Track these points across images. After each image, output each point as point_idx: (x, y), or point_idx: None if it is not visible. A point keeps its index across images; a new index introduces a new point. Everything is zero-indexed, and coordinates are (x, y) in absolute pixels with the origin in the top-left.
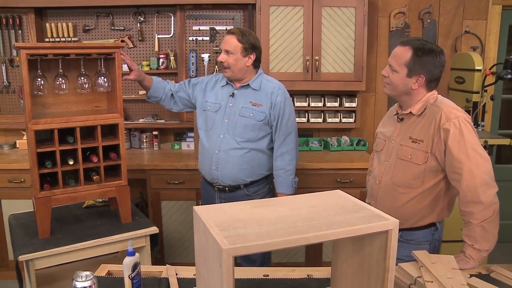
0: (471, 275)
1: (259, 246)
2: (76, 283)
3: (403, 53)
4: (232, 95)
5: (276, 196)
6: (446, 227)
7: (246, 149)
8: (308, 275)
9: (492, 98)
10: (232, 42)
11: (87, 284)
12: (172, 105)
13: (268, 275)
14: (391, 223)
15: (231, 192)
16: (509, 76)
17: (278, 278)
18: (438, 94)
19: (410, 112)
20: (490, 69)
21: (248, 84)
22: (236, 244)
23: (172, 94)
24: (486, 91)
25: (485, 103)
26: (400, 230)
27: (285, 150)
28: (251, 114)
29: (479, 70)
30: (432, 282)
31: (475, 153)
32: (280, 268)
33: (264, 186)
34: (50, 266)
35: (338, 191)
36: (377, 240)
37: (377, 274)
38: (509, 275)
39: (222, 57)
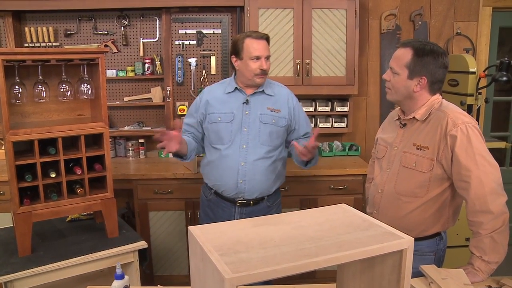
0: None
1: (265, 274)
2: None
3: (404, 55)
4: (246, 102)
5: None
6: (448, 232)
7: (272, 158)
8: None
9: (486, 101)
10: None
11: None
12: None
13: None
14: (406, 242)
15: (255, 206)
16: (504, 78)
17: None
18: None
19: (414, 117)
20: (484, 71)
21: (263, 90)
22: (240, 272)
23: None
24: (480, 93)
25: (479, 105)
26: None
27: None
28: (273, 121)
29: (473, 73)
30: None
31: (484, 161)
32: (283, 286)
33: (279, 195)
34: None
35: (343, 205)
36: (390, 260)
37: None
38: None
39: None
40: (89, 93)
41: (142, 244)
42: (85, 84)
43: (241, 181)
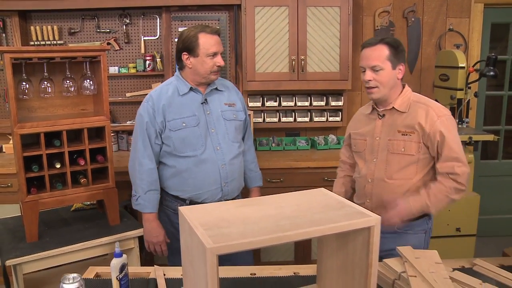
0: (454, 269)
1: (242, 244)
2: (64, 285)
3: (380, 51)
4: (205, 101)
5: (250, 192)
6: (439, 222)
7: (241, 153)
8: (294, 273)
9: (475, 95)
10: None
11: (74, 286)
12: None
13: (255, 274)
14: (373, 220)
15: None
16: (491, 73)
17: (265, 277)
18: (423, 92)
19: (393, 107)
20: (473, 66)
21: (216, 87)
22: (220, 243)
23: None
24: (470, 88)
25: (469, 99)
26: None
27: (250, 143)
28: (234, 116)
29: (462, 68)
30: (415, 276)
31: (461, 151)
32: (267, 266)
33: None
34: (39, 270)
35: (322, 189)
36: (360, 237)
37: (361, 270)
38: (491, 268)
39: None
40: (92, 88)
41: (142, 231)
42: (88, 80)
43: (224, 184)
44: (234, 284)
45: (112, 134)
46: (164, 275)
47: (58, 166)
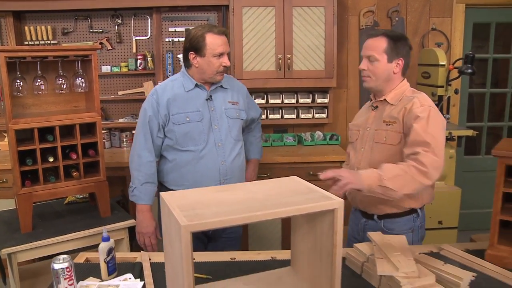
0: (420, 253)
1: (214, 223)
2: (54, 264)
3: (379, 42)
4: (210, 98)
5: (247, 164)
6: None
7: (243, 152)
8: (272, 257)
9: (456, 92)
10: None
11: (64, 265)
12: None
13: (235, 258)
14: (336, 203)
15: None
16: (469, 70)
17: (244, 260)
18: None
19: (385, 99)
20: (453, 64)
21: (222, 85)
22: (193, 221)
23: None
24: (450, 85)
25: (449, 96)
26: (381, 218)
27: (258, 131)
28: (237, 114)
29: (443, 65)
30: (382, 258)
31: (434, 141)
32: (247, 252)
33: None
34: (33, 261)
35: (295, 177)
36: (327, 219)
37: (327, 250)
38: (457, 252)
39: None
40: (84, 86)
41: (132, 222)
42: (80, 78)
43: (223, 180)
44: (215, 267)
45: (105, 131)
46: (150, 259)
47: (51, 160)
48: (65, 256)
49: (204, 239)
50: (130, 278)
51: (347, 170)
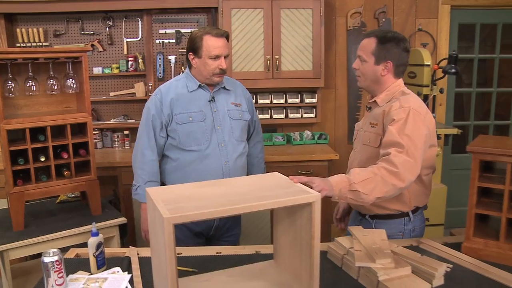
0: (399, 246)
1: (195, 215)
2: (44, 258)
3: (369, 43)
4: (213, 99)
5: None
6: None
7: (245, 153)
8: (256, 251)
9: (441, 91)
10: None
11: (53, 259)
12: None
13: (220, 252)
14: (314, 196)
15: None
16: (453, 70)
17: (229, 255)
18: None
19: (375, 101)
20: (438, 64)
21: (224, 86)
22: (176, 213)
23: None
24: (435, 84)
25: (434, 95)
26: (373, 218)
27: (258, 139)
28: (240, 115)
29: (428, 65)
30: (360, 251)
31: (410, 143)
32: (232, 246)
33: None
34: (25, 259)
35: (276, 173)
36: (305, 213)
37: (306, 242)
38: (436, 245)
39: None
40: (74, 87)
41: (122, 220)
42: (71, 80)
43: None
44: (200, 261)
45: (97, 132)
46: (138, 254)
47: (42, 159)
48: (55, 250)
49: (203, 243)
50: (118, 271)
51: (319, 178)
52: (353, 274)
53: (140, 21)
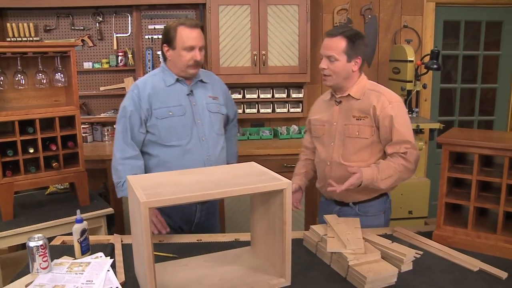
0: (371, 234)
1: (170, 200)
2: (30, 242)
3: (338, 43)
4: (191, 92)
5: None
6: (392, 206)
7: (225, 147)
8: (235, 239)
9: (424, 87)
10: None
11: (38, 243)
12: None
13: (201, 239)
14: (284, 183)
15: (214, 200)
16: (434, 66)
17: (209, 242)
18: (380, 83)
19: (349, 94)
20: (421, 59)
21: (202, 79)
22: (152, 198)
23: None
24: (419, 80)
25: (418, 91)
26: (356, 204)
27: (234, 133)
28: (218, 109)
29: (411, 61)
30: (333, 237)
31: (411, 134)
32: (213, 234)
33: None
34: (16, 249)
35: (252, 163)
36: (277, 200)
37: (279, 228)
38: (409, 233)
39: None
40: (63, 81)
41: (109, 211)
42: (59, 74)
43: None
44: (181, 248)
45: (87, 126)
46: (122, 241)
47: (31, 151)
48: (40, 235)
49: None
50: (101, 256)
51: (357, 174)
52: (326, 260)
53: (129, 17)
